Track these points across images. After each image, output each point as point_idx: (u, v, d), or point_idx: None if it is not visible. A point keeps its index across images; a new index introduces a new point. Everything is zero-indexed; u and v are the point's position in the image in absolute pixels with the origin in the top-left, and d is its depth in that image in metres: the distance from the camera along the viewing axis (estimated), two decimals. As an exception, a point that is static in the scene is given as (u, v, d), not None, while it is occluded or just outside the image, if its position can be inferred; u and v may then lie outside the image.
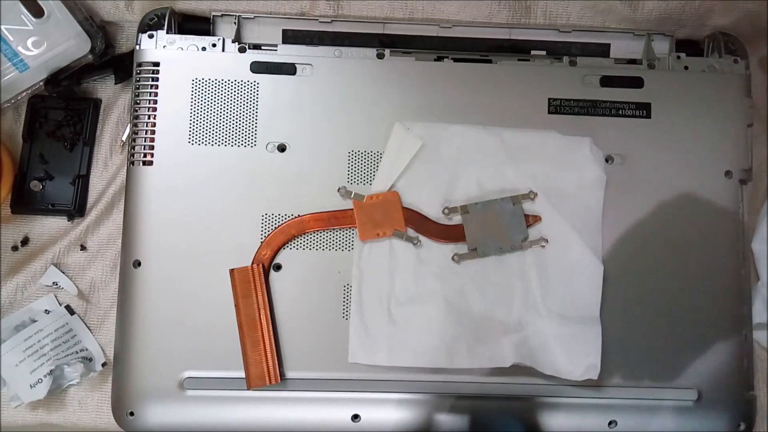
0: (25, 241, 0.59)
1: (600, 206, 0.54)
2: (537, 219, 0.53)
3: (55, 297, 0.58)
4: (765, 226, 0.58)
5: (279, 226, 0.53)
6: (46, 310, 0.58)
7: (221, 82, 0.54)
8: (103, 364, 0.57)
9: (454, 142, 0.54)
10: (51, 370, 0.54)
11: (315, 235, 0.54)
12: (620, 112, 0.56)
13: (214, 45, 0.55)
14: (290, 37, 0.58)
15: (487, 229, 0.53)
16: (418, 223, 0.53)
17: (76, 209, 0.59)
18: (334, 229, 0.53)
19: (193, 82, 0.54)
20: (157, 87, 0.54)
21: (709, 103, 0.56)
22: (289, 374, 0.52)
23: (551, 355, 0.52)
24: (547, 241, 0.53)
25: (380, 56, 0.56)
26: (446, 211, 0.54)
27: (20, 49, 0.56)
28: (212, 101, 0.54)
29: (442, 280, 0.53)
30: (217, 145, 0.54)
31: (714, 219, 0.56)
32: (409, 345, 0.52)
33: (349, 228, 0.53)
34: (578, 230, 0.53)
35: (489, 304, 0.53)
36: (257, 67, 0.55)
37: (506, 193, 0.54)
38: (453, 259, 0.53)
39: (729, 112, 0.56)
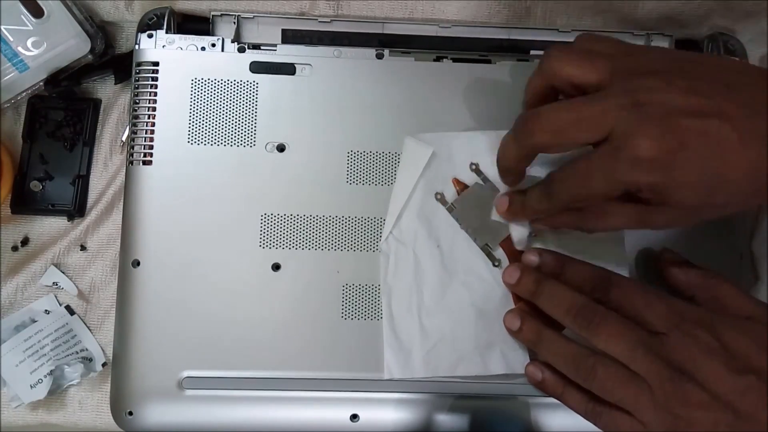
0: (25, 241, 0.59)
1: None
2: None
3: (55, 297, 0.58)
4: (765, 226, 0.58)
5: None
6: (46, 311, 0.58)
7: (220, 81, 0.55)
8: (103, 364, 0.57)
9: (465, 149, 0.54)
10: (51, 371, 0.55)
11: (314, 234, 0.54)
12: (620, 111, 0.55)
13: (213, 45, 0.55)
14: (289, 37, 0.58)
15: (479, 218, 0.53)
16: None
17: (76, 209, 0.59)
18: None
19: (193, 82, 0.54)
20: (156, 87, 0.54)
21: (709, 103, 0.56)
22: (288, 374, 0.52)
23: None
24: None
25: (379, 56, 0.56)
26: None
27: (20, 49, 0.56)
28: (211, 101, 0.54)
29: (469, 288, 0.53)
30: (216, 145, 0.54)
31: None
32: (443, 355, 0.52)
33: (349, 229, 0.54)
34: None
35: None
36: (256, 67, 0.55)
37: None
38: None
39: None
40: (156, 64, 0.55)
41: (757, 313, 0.44)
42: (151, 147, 0.54)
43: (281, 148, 0.54)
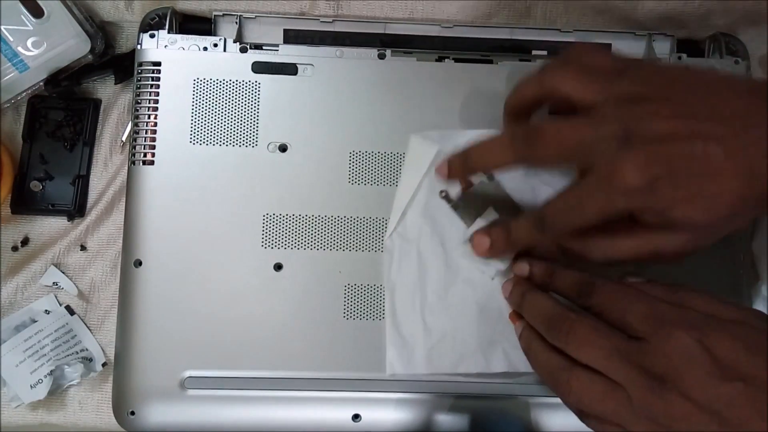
0: (25, 241, 0.59)
1: None
2: None
3: (55, 297, 0.58)
4: (765, 226, 0.59)
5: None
6: (46, 311, 0.58)
7: (222, 82, 0.55)
8: (104, 365, 0.57)
9: None
10: (51, 371, 0.54)
11: (316, 234, 0.54)
12: (621, 112, 0.55)
13: (215, 45, 0.55)
14: (291, 37, 0.58)
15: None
16: None
17: (76, 209, 0.59)
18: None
19: (195, 82, 0.54)
20: (158, 87, 0.54)
21: (709, 103, 0.56)
22: (290, 374, 0.52)
23: None
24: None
25: (381, 56, 0.56)
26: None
27: (20, 49, 0.56)
28: (213, 101, 0.54)
29: (472, 286, 0.53)
30: (218, 145, 0.54)
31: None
32: (446, 353, 0.52)
33: (351, 229, 0.54)
34: None
35: None
36: (258, 67, 0.55)
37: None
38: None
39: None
40: (158, 64, 0.55)
41: (740, 316, 0.42)
42: (153, 147, 0.54)
43: (283, 148, 0.54)
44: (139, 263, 0.53)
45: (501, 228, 0.50)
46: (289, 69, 0.55)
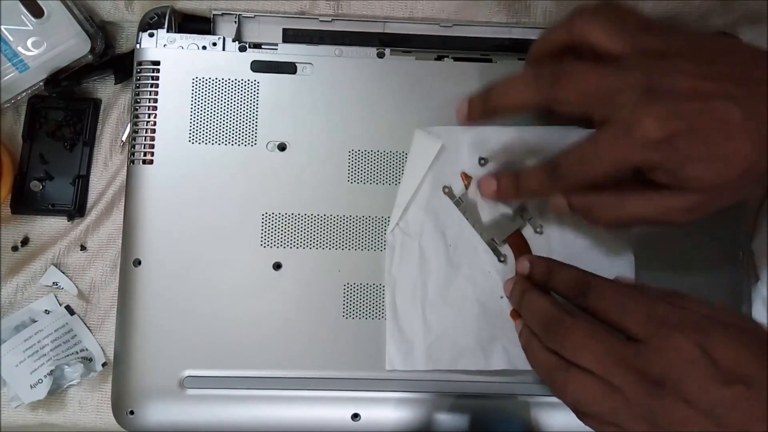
0: (25, 241, 0.59)
1: None
2: None
3: (55, 297, 0.58)
4: (765, 226, 0.58)
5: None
6: (46, 311, 0.58)
7: (222, 81, 0.55)
8: (103, 364, 0.57)
9: (474, 143, 0.54)
10: (51, 371, 0.54)
11: (316, 233, 0.54)
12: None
13: (214, 44, 0.55)
14: (290, 36, 0.58)
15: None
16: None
17: (76, 209, 0.59)
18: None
19: (194, 81, 0.54)
20: (157, 86, 0.54)
21: (709, 102, 0.56)
22: (289, 373, 0.52)
23: None
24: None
25: (380, 55, 0.56)
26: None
27: (20, 49, 0.56)
28: (213, 100, 0.54)
29: (473, 282, 0.53)
30: (217, 144, 0.54)
31: (714, 219, 0.55)
32: (446, 349, 0.52)
33: (350, 228, 0.54)
34: None
35: None
36: (258, 66, 0.55)
37: None
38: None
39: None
40: (157, 63, 0.55)
41: (738, 321, 0.41)
42: (152, 146, 0.54)
43: (282, 147, 0.54)
44: (138, 263, 0.53)
45: (511, 173, 0.50)
46: (288, 68, 0.55)
